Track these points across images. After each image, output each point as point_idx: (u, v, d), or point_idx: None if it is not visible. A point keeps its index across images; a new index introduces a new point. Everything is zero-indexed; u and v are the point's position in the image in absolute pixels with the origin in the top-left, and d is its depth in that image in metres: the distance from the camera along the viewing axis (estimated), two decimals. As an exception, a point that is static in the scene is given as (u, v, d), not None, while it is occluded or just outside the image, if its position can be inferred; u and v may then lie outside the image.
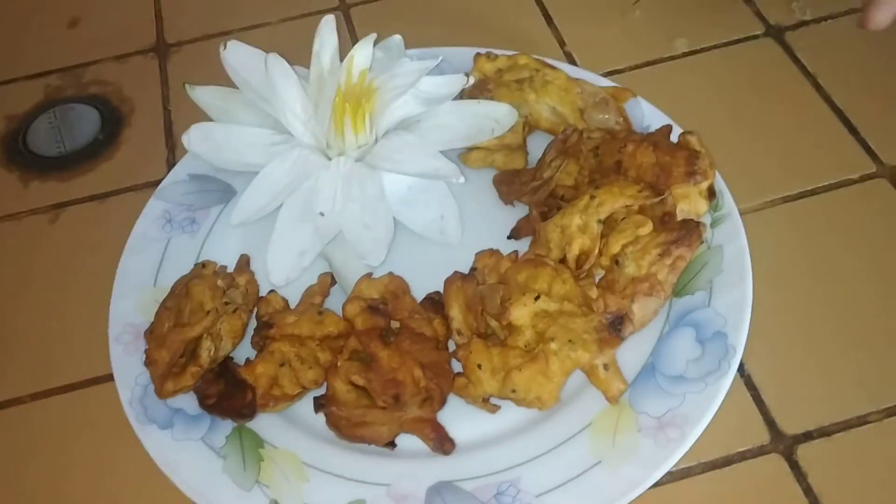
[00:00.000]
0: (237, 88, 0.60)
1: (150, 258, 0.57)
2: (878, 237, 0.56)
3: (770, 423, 0.49)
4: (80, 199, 0.65)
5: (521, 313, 0.48)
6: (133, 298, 0.55)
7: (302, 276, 0.55)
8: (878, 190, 0.58)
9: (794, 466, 0.47)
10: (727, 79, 0.66)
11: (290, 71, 0.56)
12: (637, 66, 0.68)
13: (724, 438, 0.48)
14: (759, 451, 0.48)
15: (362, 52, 0.57)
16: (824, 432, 0.48)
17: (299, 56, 0.59)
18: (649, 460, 0.45)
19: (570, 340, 0.46)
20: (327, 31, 0.57)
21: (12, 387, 0.55)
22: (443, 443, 0.46)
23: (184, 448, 0.48)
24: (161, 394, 0.48)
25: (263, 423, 0.49)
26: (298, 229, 0.56)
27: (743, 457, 0.48)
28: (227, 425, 0.49)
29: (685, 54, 0.68)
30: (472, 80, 0.59)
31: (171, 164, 0.66)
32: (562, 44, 0.70)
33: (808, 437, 0.48)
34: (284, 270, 0.55)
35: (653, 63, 0.68)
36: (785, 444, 0.48)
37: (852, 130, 0.62)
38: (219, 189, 0.61)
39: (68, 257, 0.62)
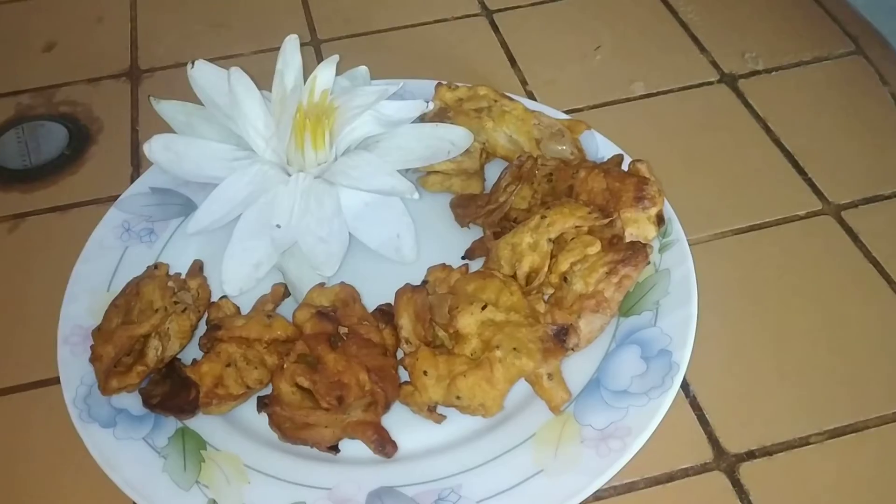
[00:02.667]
0: (197, 104, 0.61)
1: (106, 265, 0.57)
2: (822, 271, 0.58)
3: (714, 441, 0.49)
4: (41, 210, 0.65)
5: (467, 322, 0.49)
6: (85, 302, 0.55)
7: (256, 288, 0.56)
8: (823, 226, 0.60)
9: (736, 484, 0.48)
10: (681, 120, 0.69)
11: (253, 86, 0.58)
12: (595, 106, 0.70)
13: (667, 455, 0.49)
14: (702, 469, 0.48)
15: (325, 72, 0.59)
16: (767, 452, 0.49)
17: (267, 85, 0.60)
18: (590, 469, 0.45)
19: (514, 348, 0.47)
20: (291, 51, 0.59)
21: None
22: (384, 445, 0.46)
23: (125, 447, 0.47)
24: (105, 390, 0.48)
25: (207, 425, 0.49)
26: (254, 241, 0.57)
27: (686, 473, 0.48)
28: (170, 426, 0.48)
29: (642, 97, 0.71)
30: (431, 107, 0.61)
31: (133, 180, 0.66)
32: (524, 83, 0.73)
33: (750, 455, 0.49)
34: (239, 281, 0.56)
35: (610, 104, 0.70)
36: (727, 463, 0.48)
37: (800, 171, 0.64)
38: (179, 203, 0.61)
39: (24, 266, 0.62)
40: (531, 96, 0.71)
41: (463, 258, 0.58)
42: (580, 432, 0.47)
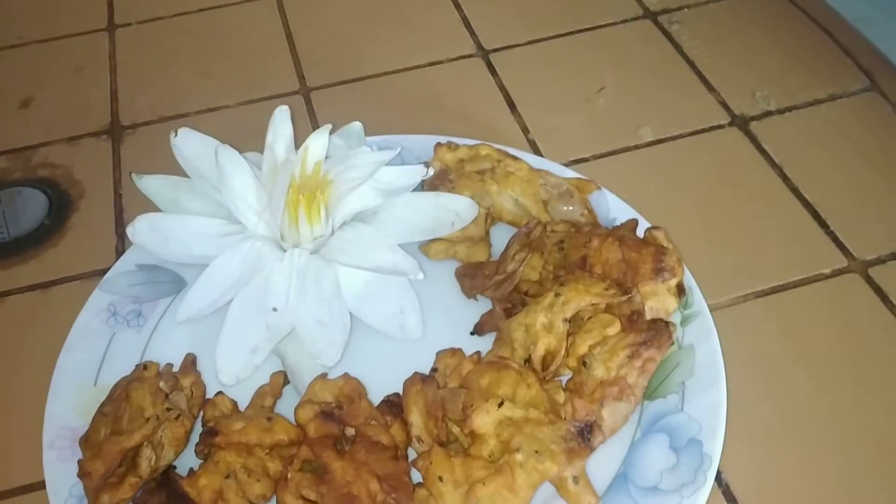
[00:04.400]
0: (188, 176, 0.57)
1: (92, 354, 0.54)
2: (854, 333, 0.55)
3: (748, 537, 0.46)
4: (23, 287, 0.61)
5: (484, 421, 0.45)
6: (71, 399, 0.51)
7: (254, 375, 0.52)
8: (850, 285, 0.57)
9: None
10: (693, 169, 0.65)
11: (243, 161, 0.54)
12: (602, 155, 0.67)
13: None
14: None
15: (317, 142, 0.55)
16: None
17: (257, 140, 0.57)
18: (621, 584, 0.42)
19: (536, 451, 0.44)
20: (281, 121, 0.56)
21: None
22: (401, 565, 0.43)
23: (119, 568, 0.44)
24: (95, 508, 0.44)
25: (206, 541, 0.45)
26: (250, 325, 0.53)
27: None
28: (167, 543, 0.45)
29: (650, 143, 0.67)
30: (431, 171, 0.58)
31: (120, 252, 0.63)
32: (525, 131, 0.69)
33: (788, 553, 0.46)
34: (235, 369, 0.52)
35: (617, 152, 0.67)
36: (762, 561, 0.45)
37: (822, 223, 0.61)
38: (168, 280, 0.58)
39: (6, 351, 0.58)
40: (533, 145, 0.68)
41: (472, 333, 0.54)
42: (608, 537, 0.44)
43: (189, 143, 0.57)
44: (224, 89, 0.75)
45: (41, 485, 0.49)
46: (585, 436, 0.44)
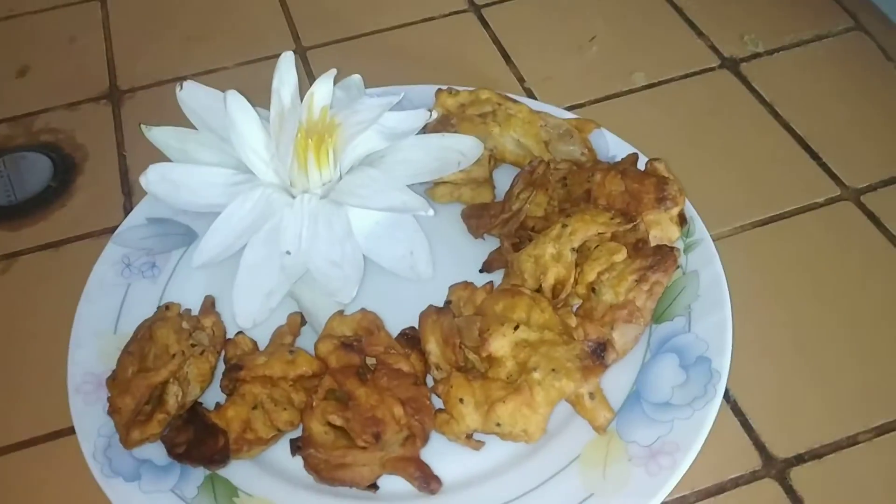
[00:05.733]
0: (189, 128, 0.58)
1: (110, 304, 0.54)
2: (848, 259, 0.57)
3: (760, 447, 0.48)
4: (33, 247, 0.62)
5: (500, 344, 0.47)
6: (93, 346, 0.52)
7: (270, 318, 0.53)
8: (844, 213, 0.59)
9: (790, 491, 0.46)
10: (687, 110, 0.67)
11: (250, 108, 0.55)
12: (597, 100, 0.68)
13: (715, 465, 0.47)
14: (753, 477, 0.47)
15: (322, 89, 0.56)
16: (815, 454, 0.48)
17: (257, 99, 0.57)
18: (643, 490, 0.44)
19: (553, 370, 0.45)
20: (286, 68, 0.56)
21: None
22: (429, 481, 0.44)
23: (153, 500, 0.45)
24: (127, 443, 0.45)
25: (237, 471, 0.46)
26: (264, 269, 0.54)
27: (736, 483, 0.47)
28: (198, 474, 0.46)
29: (644, 87, 0.69)
30: (435, 115, 0.59)
31: (128, 210, 0.63)
32: (521, 80, 0.70)
33: (799, 460, 0.48)
34: (251, 312, 0.53)
35: (613, 97, 0.68)
36: (777, 469, 0.47)
37: (813, 155, 0.62)
38: (179, 232, 0.59)
39: (22, 308, 0.59)
40: (530, 94, 0.69)
41: (481, 271, 0.56)
42: (626, 450, 0.46)
43: (195, 96, 0.58)
44: (220, 52, 0.75)
45: (69, 430, 0.50)
46: (599, 353, 0.46)
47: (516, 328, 0.47)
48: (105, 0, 0.82)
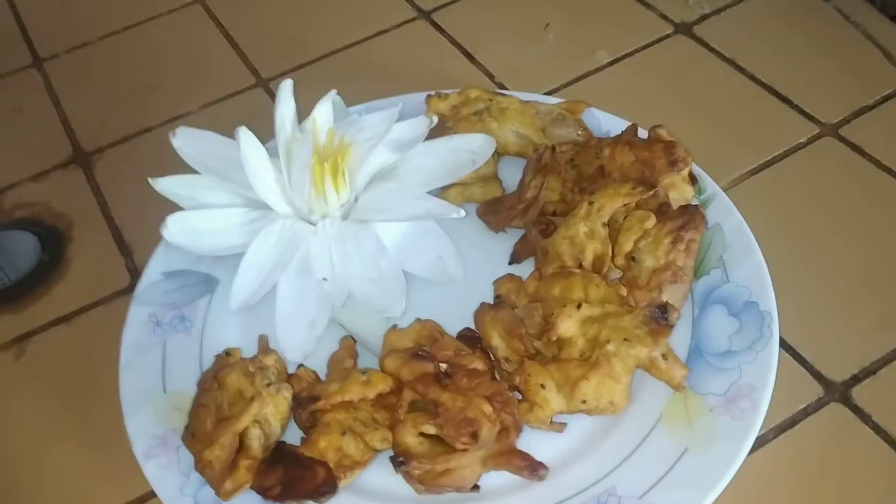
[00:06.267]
0: (193, 174, 0.57)
1: (151, 366, 0.53)
2: (842, 187, 0.60)
3: (818, 376, 0.51)
4: (43, 325, 0.60)
5: (568, 325, 0.48)
6: (147, 411, 0.51)
7: (318, 348, 0.53)
8: (828, 147, 0.63)
9: (856, 410, 0.49)
10: (656, 77, 0.70)
11: (258, 143, 0.55)
12: (568, 83, 0.70)
13: (782, 401, 0.49)
14: (819, 405, 0.50)
15: (323, 112, 0.56)
16: (869, 371, 0.51)
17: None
18: (732, 435, 0.45)
19: (625, 339, 0.47)
20: (286, 97, 0.56)
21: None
22: (536, 469, 0.45)
23: (257, 547, 0.45)
24: (225, 495, 0.44)
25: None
26: (302, 301, 0.54)
27: (806, 413, 0.50)
28: (296, 514, 0.46)
29: (610, 63, 0.71)
30: (435, 120, 0.59)
31: (132, 270, 0.62)
32: (490, 77, 0.72)
33: (856, 380, 0.50)
34: (298, 345, 0.53)
35: (583, 77, 0.71)
36: (839, 392, 0.50)
37: (785, 100, 0.66)
38: (199, 281, 0.58)
39: (51, 388, 0.57)
40: (503, 87, 0.71)
41: (510, 263, 0.57)
42: (704, 402, 0.47)
43: (190, 141, 0.57)
44: (180, 97, 0.74)
45: (146, 496, 0.49)
46: (663, 315, 0.48)
47: (579, 307, 0.48)
48: (41, 65, 0.80)
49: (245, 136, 0.53)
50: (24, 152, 0.72)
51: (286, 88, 0.56)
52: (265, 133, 0.54)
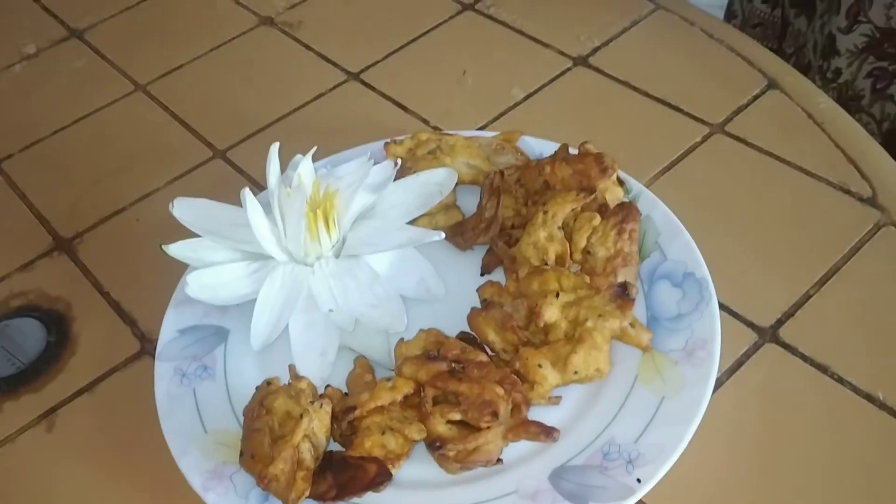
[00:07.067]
0: (196, 238, 0.64)
1: (187, 411, 0.59)
2: (739, 174, 0.72)
3: (750, 324, 0.62)
4: (67, 398, 0.65)
5: (551, 312, 0.57)
6: (194, 451, 0.56)
7: (333, 371, 0.61)
8: (719, 144, 0.75)
9: (786, 346, 0.60)
10: (567, 106, 0.81)
11: (257, 202, 0.62)
12: (494, 118, 0.81)
13: (727, 351, 0.58)
14: (755, 347, 0.61)
15: (306, 167, 0.65)
16: (789, 314, 0.62)
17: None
18: (697, 380, 0.56)
19: (600, 315, 0.57)
20: (274, 159, 0.64)
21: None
22: (550, 433, 0.54)
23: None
24: (292, 504, 0.51)
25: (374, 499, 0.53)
26: (312, 333, 0.61)
27: (747, 356, 0.60)
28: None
29: (526, 97, 0.82)
30: (399, 162, 0.68)
31: (140, 338, 0.68)
32: (426, 122, 0.82)
33: (780, 322, 0.62)
34: (315, 371, 0.60)
35: (505, 112, 0.81)
36: (770, 334, 0.61)
37: (676, 109, 0.78)
38: (211, 333, 0.64)
39: (90, 451, 0.62)
40: (439, 129, 0.80)
41: (482, 274, 0.66)
42: (668, 357, 0.58)
43: (187, 209, 0.64)
44: (145, 177, 0.80)
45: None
46: (625, 291, 0.58)
47: (557, 295, 0.58)
48: (-1, 165, 0.84)
49: (249, 197, 0.61)
50: (4, 248, 0.76)
51: (272, 151, 0.64)
52: (233, 198, 0.62)
